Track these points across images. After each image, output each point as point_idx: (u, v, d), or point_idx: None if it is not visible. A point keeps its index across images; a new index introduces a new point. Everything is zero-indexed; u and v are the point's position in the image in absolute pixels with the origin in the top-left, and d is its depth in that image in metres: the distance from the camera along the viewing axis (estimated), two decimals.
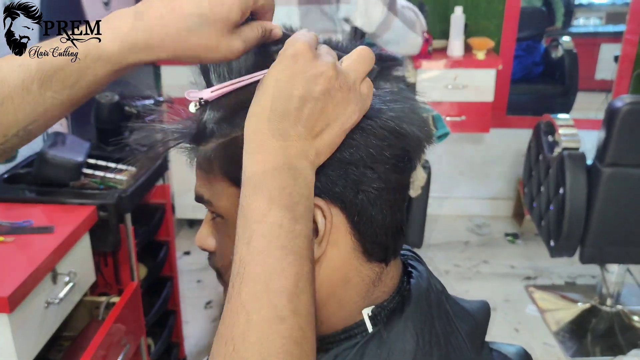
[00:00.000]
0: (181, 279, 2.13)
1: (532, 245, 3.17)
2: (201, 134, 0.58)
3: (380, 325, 0.60)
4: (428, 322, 0.61)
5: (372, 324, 0.60)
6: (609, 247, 2.21)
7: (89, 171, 1.65)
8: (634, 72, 3.17)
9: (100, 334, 1.40)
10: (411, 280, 0.63)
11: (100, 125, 1.81)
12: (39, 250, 1.33)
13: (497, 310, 2.64)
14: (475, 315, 0.69)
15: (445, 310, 0.64)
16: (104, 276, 1.66)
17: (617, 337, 2.44)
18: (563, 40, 3.87)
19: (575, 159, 2.17)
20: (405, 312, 0.60)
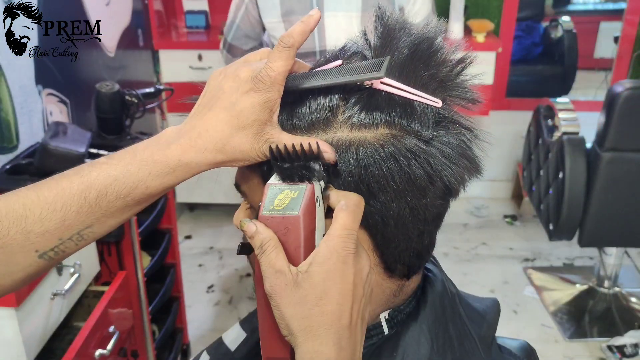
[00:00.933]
0: (183, 263, 2.15)
1: (531, 227, 3.19)
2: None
3: (397, 328, 0.61)
4: (442, 326, 0.62)
5: (388, 327, 0.62)
6: (608, 231, 2.23)
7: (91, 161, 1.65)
8: (633, 53, 3.16)
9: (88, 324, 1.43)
10: (426, 285, 0.65)
11: (101, 115, 1.81)
12: None
13: (496, 292, 2.68)
14: (487, 316, 0.70)
15: (459, 313, 0.65)
16: (108, 265, 1.67)
17: (614, 319, 2.48)
18: (562, 20, 3.84)
19: (575, 143, 2.18)
20: (421, 316, 0.61)
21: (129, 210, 0.55)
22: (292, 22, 1.72)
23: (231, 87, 0.53)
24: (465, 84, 0.58)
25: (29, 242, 0.53)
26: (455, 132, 0.56)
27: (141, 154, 0.53)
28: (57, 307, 1.40)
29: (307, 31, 0.54)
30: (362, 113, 0.54)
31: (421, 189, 0.54)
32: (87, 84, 2.04)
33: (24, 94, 1.73)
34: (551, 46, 3.90)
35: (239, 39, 1.91)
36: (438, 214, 0.58)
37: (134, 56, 2.73)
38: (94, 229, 0.54)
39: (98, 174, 0.53)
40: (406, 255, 0.58)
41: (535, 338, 2.39)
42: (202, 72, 2.87)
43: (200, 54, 2.87)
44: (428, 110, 0.55)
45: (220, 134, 0.52)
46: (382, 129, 0.54)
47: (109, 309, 1.53)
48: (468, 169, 0.56)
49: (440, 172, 0.54)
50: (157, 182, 0.53)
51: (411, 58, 0.56)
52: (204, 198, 3.23)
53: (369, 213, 0.54)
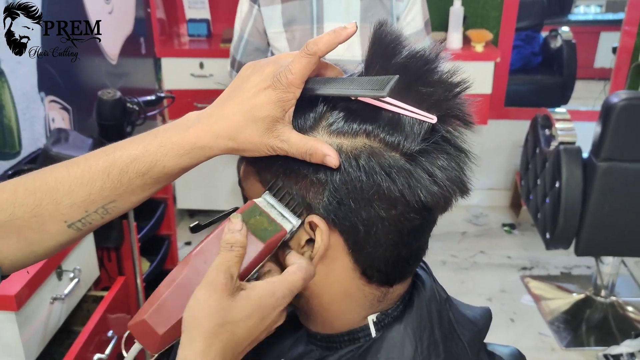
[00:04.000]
0: None
1: (529, 236, 3.20)
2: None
3: (383, 330, 0.63)
4: (427, 330, 0.63)
5: (376, 330, 0.63)
6: (604, 240, 2.25)
7: None
8: (632, 64, 3.18)
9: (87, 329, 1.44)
10: (414, 290, 0.66)
11: (103, 122, 1.83)
12: None
13: (493, 300, 2.69)
14: (477, 322, 0.72)
15: (448, 318, 0.67)
16: (108, 271, 1.69)
17: (611, 328, 2.49)
18: (562, 31, 3.87)
19: (571, 153, 2.19)
20: (405, 319, 0.63)
21: (148, 188, 0.59)
22: (293, 33, 1.74)
23: (254, 81, 0.56)
24: (463, 106, 0.59)
25: (58, 212, 0.58)
26: (447, 152, 0.57)
27: (162, 135, 0.57)
28: (57, 312, 1.42)
29: (335, 43, 0.56)
30: (342, 121, 0.57)
31: (391, 201, 0.56)
32: (89, 91, 2.06)
33: (27, 101, 1.75)
34: (550, 56, 3.92)
35: (249, 55, 1.86)
36: (414, 227, 0.59)
37: (136, 64, 2.76)
38: (117, 204, 0.59)
39: (122, 153, 0.57)
40: (381, 263, 0.60)
41: (532, 346, 2.40)
42: (204, 80, 2.90)
43: (202, 62, 2.89)
44: (418, 126, 0.56)
45: (234, 123, 0.55)
46: (361, 139, 0.56)
47: (108, 313, 1.55)
48: (451, 190, 0.57)
49: (415, 188, 0.55)
50: (173, 162, 0.57)
51: (405, 73, 0.57)
52: (204, 204, 3.24)
53: (341, 217, 0.57)
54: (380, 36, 0.59)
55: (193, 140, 0.56)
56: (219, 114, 0.57)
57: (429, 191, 0.56)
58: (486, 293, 2.73)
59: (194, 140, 0.56)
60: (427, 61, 0.58)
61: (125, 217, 1.60)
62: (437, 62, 0.59)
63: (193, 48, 3.04)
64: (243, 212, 0.57)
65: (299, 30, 1.71)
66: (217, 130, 0.56)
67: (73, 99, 2.03)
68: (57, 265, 1.38)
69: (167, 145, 0.57)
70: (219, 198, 3.16)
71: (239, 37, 1.86)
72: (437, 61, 0.59)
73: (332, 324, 0.65)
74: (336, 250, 0.59)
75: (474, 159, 0.60)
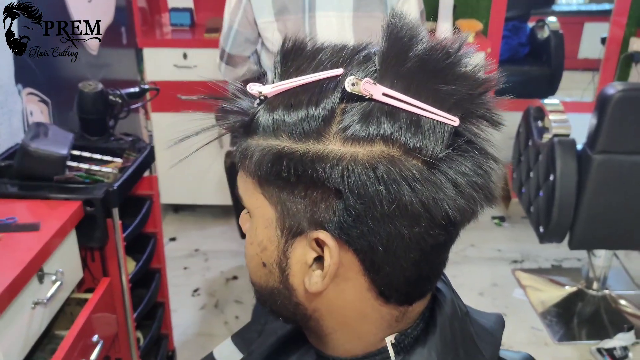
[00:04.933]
0: (167, 266, 2.09)
1: (519, 228, 3.18)
2: (249, 127, 0.54)
3: (403, 354, 0.57)
4: (452, 351, 0.58)
5: (394, 352, 0.57)
6: (598, 234, 2.22)
7: (74, 164, 1.59)
8: (621, 55, 3.17)
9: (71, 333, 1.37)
10: (435, 307, 0.60)
11: (84, 115, 1.75)
12: (24, 249, 1.28)
13: (485, 294, 2.66)
14: (494, 332, 0.67)
15: (470, 335, 0.61)
16: (91, 272, 1.62)
17: (603, 321, 2.47)
18: (549, 21, 3.84)
19: (566, 145, 2.16)
20: (429, 342, 0.57)
21: None
22: (284, 22, 1.67)
23: None
24: (489, 104, 0.52)
25: None
26: (471, 157, 0.51)
27: None
28: (39, 317, 1.34)
29: None
30: (357, 125, 0.49)
31: (414, 217, 0.49)
32: (69, 83, 1.98)
33: (4, 93, 1.66)
34: (538, 47, 3.90)
35: (239, 46, 1.80)
36: (437, 244, 0.52)
37: (117, 55, 2.67)
38: None
39: None
40: (401, 284, 0.54)
41: (525, 341, 2.37)
42: (188, 71, 2.82)
43: (185, 53, 2.81)
44: (440, 129, 0.49)
45: None
46: (378, 146, 0.49)
47: (93, 316, 1.48)
48: (478, 201, 0.51)
49: (440, 201, 0.49)
50: None
51: (422, 69, 0.50)
52: (189, 199, 3.17)
53: (356, 236, 0.50)
54: (395, 27, 0.52)
55: None
56: None
57: (456, 205, 0.49)
58: (478, 287, 2.70)
59: None
60: (448, 54, 0.51)
61: (109, 215, 1.52)
62: (460, 56, 0.52)
63: (176, 38, 2.96)
64: None
65: (290, 20, 1.64)
66: None
67: (52, 92, 1.94)
68: (38, 268, 1.31)
69: None
70: (204, 192, 3.09)
71: (228, 28, 1.79)
72: (460, 55, 0.52)
73: (345, 347, 0.59)
74: (350, 269, 0.53)
75: (501, 164, 0.54)
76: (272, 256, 0.56)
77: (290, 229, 0.53)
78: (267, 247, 0.56)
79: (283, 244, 0.54)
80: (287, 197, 0.52)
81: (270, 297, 0.59)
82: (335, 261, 0.51)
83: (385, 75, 0.50)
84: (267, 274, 0.57)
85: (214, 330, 2.41)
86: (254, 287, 0.62)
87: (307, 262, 0.54)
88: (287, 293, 0.57)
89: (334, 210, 0.50)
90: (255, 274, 0.60)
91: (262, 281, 0.59)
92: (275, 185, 0.53)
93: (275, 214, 0.54)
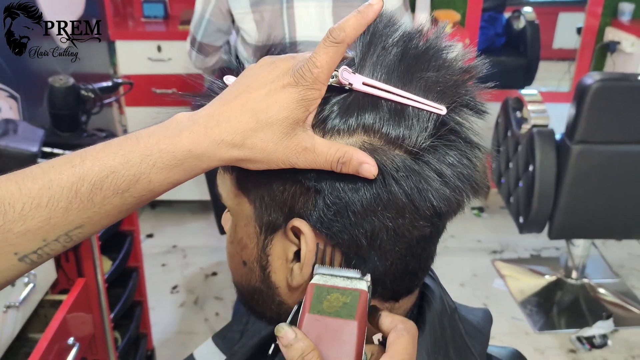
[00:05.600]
0: (145, 263, 2.05)
1: (498, 219, 3.20)
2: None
3: None
4: (442, 349, 0.57)
5: None
6: (577, 223, 2.23)
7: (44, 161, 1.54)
8: (596, 45, 3.19)
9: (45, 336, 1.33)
10: (424, 304, 0.59)
11: (55, 111, 1.69)
12: None
13: (466, 285, 2.66)
14: (483, 329, 0.66)
15: (459, 332, 0.60)
16: (66, 272, 1.57)
17: (582, 310, 2.49)
18: (525, 11, 3.86)
19: (545, 136, 2.16)
20: (419, 341, 0.56)
21: (127, 208, 0.47)
22: (261, 13, 1.63)
23: (268, 77, 0.46)
24: (474, 92, 0.51)
25: (6, 242, 0.45)
26: (456, 147, 0.49)
27: (145, 141, 0.46)
28: (11, 320, 1.30)
29: (363, 25, 0.46)
30: (337, 116, 0.48)
31: (398, 209, 0.47)
32: (39, 78, 1.91)
33: None
34: (514, 37, 3.91)
35: (210, 35, 1.76)
36: (424, 237, 0.51)
37: (89, 47, 2.60)
38: (84, 230, 0.47)
39: (93, 163, 0.45)
40: (386, 278, 0.52)
41: (505, 331, 2.38)
42: (162, 64, 2.75)
43: (160, 45, 2.75)
44: (424, 118, 0.48)
45: (242, 125, 0.45)
46: (359, 136, 0.47)
47: (68, 318, 1.43)
48: (463, 191, 0.49)
49: (425, 192, 0.47)
50: (161, 176, 0.46)
51: (403, 57, 0.49)
52: (166, 194, 3.08)
53: (338, 230, 0.48)
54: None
55: (187, 147, 0.45)
56: (223, 114, 0.45)
57: (441, 195, 0.48)
58: (458, 278, 2.70)
59: (189, 146, 0.45)
60: (428, 43, 0.50)
61: None
62: (441, 44, 0.51)
63: (149, 30, 2.89)
64: (311, 304, 0.47)
65: (267, 10, 1.60)
66: (218, 134, 0.45)
67: (21, 86, 1.88)
68: None
69: (155, 154, 0.45)
70: (181, 188, 3.01)
71: (199, 17, 1.75)
72: (440, 43, 0.51)
73: None
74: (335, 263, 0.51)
75: (487, 153, 0.52)
76: (252, 254, 0.54)
77: (268, 225, 0.52)
78: (246, 244, 0.54)
79: (262, 241, 0.53)
80: (265, 192, 0.51)
81: (253, 298, 0.57)
82: (312, 248, 0.50)
83: (366, 64, 0.49)
84: (248, 273, 0.56)
85: (194, 327, 2.37)
86: (236, 288, 0.60)
87: (287, 257, 0.52)
88: (269, 292, 0.55)
89: (314, 204, 0.48)
90: (236, 274, 0.58)
91: (243, 281, 0.57)
92: (252, 182, 0.51)
93: (254, 210, 0.52)
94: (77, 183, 0.45)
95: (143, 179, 0.46)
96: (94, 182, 0.45)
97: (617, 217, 2.22)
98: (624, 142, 2.08)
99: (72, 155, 0.47)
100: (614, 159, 2.08)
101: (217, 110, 0.46)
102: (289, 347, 0.45)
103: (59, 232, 0.46)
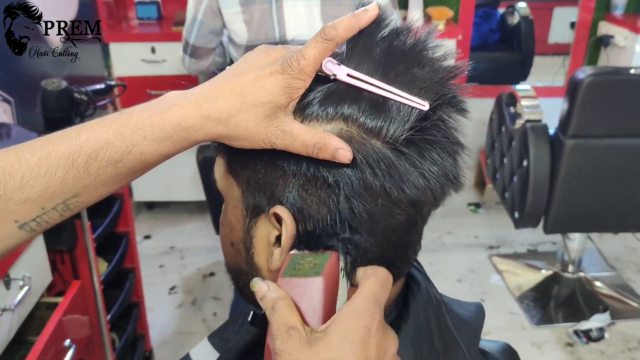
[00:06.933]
0: (142, 265, 2.06)
1: (494, 214, 3.20)
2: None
3: None
4: (427, 339, 0.58)
5: None
6: (573, 217, 2.24)
7: None
8: (590, 39, 3.19)
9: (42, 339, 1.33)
10: (409, 294, 0.60)
11: (48, 114, 1.69)
12: None
13: (463, 281, 2.67)
14: (473, 323, 0.67)
15: (446, 323, 0.61)
16: (61, 274, 1.58)
17: (579, 304, 2.50)
18: (519, 7, 3.86)
19: (538, 131, 2.17)
20: (403, 330, 0.57)
21: (121, 179, 0.51)
22: (251, 12, 1.64)
23: (259, 63, 0.49)
24: (458, 91, 0.52)
25: (7, 211, 0.49)
26: (438, 142, 0.51)
27: (138, 115, 0.49)
28: (7, 323, 1.30)
29: (355, 28, 0.49)
30: (317, 104, 0.50)
31: (373, 195, 0.50)
32: (33, 81, 1.92)
33: None
34: (508, 32, 3.92)
35: (203, 37, 1.76)
36: (399, 224, 0.52)
37: (83, 50, 2.60)
38: (81, 199, 0.51)
39: (88, 136, 0.49)
40: (364, 266, 0.53)
41: (503, 326, 2.39)
42: (156, 66, 2.76)
43: (154, 47, 2.75)
44: (405, 112, 0.49)
45: (229, 104, 0.48)
46: (337, 124, 0.50)
47: (64, 321, 1.44)
48: (441, 184, 0.51)
49: (398, 181, 0.49)
50: (152, 148, 0.49)
51: (390, 52, 0.50)
52: (163, 196, 3.12)
53: (315, 213, 0.51)
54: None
55: (177, 121, 0.48)
56: (212, 93, 0.49)
57: (414, 184, 0.49)
58: (455, 274, 2.71)
59: (178, 120, 0.48)
60: (416, 39, 0.51)
61: (78, 216, 1.48)
62: (429, 42, 0.52)
63: (143, 32, 2.89)
64: (285, 270, 0.49)
65: (257, 10, 1.61)
66: (207, 110, 0.48)
67: (14, 90, 1.88)
68: (4, 273, 1.27)
69: (146, 127, 0.48)
70: (177, 189, 3.05)
71: (192, 19, 1.75)
72: (428, 40, 0.52)
73: None
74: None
75: (467, 151, 0.54)
76: (238, 235, 0.57)
77: (253, 208, 0.54)
78: (235, 226, 0.57)
79: (247, 223, 0.55)
80: (250, 176, 0.53)
81: (240, 279, 0.59)
82: (291, 235, 0.51)
83: (352, 57, 0.50)
84: (236, 254, 0.58)
85: (192, 328, 2.38)
86: (226, 268, 0.62)
87: (270, 240, 0.54)
88: (253, 273, 0.57)
89: (290, 188, 0.51)
90: (226, 255, 0.61)
91: (231, 261, 0.60)
92: (240, 165, 0.54)
93: (241, 193, 0.55)
94: (74, 154, 0.48)
95: (135, 151, 0.49)
96: (90, 153, 0.48)
97: (612, 211, 2.23)
98: (617, 135, 2.09)
99: (68, 130, 0.50)
100: (608, 152, 2.08)
101: (208, 90, 0.49)
102: (263, 299, 0.47)
103: (57, 201, 0.49)
